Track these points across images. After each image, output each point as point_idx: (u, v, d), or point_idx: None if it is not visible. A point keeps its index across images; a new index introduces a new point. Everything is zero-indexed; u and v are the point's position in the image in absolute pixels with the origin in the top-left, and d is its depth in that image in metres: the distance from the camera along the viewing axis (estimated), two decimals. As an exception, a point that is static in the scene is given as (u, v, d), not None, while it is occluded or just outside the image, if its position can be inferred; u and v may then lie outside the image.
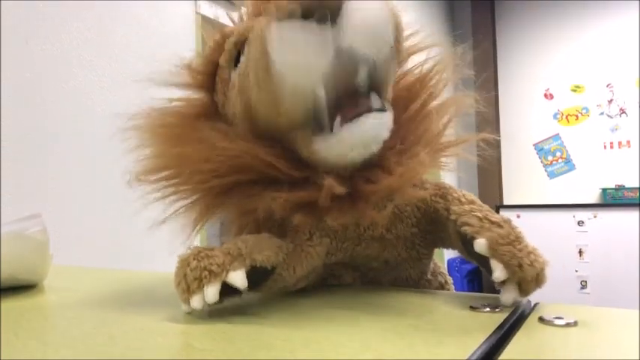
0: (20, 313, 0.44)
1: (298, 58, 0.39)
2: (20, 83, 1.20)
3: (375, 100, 0.43)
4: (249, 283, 0.39)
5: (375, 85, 0.43)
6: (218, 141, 0.45)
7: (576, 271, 3.47)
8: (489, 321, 0.36)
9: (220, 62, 0.49)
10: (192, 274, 0.38)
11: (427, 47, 0.52)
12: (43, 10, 1.25)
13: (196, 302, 0.38)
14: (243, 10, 0.51)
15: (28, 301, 0.50)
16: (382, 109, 0.43)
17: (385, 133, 0.43)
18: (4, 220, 0.57)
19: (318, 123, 0.42)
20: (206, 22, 1.71)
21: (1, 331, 0.38)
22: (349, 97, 0.42)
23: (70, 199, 1.28)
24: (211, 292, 0.37)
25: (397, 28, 0.42)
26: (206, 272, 0.38)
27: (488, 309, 0.40)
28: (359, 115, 0.41)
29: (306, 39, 0.38)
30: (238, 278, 0.38)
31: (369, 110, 0.41)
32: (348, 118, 0.41)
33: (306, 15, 0.38)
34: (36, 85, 1.23)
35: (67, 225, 1.26)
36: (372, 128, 0.42)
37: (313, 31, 0.38)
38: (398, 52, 0.43)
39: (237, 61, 0.46)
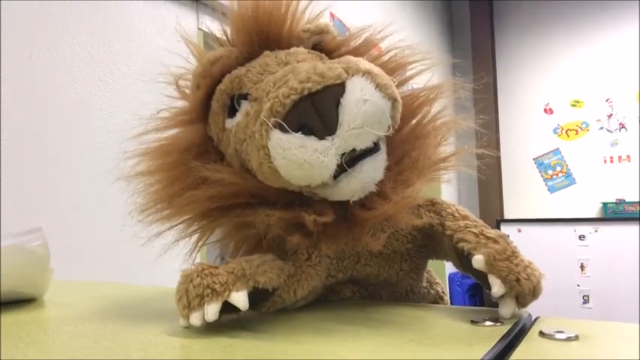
0: (20, 327, 0.44)
1: (302, 172, 0.39)
2: (22, 96, 1.20)
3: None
4: (249, 303, 0.39)
5: None
6: (210, 173, 0.45)
7: (578, 285, 3.45)
8: (490, 335, 0.36)
9: (213, 105, 0.49)
10: (194, 290, 0.38)
11: (422, 65, 0.53)
12: (45, 24, 1.27)
13: (195, 319, 0.38)
14: (227, 30, 0.51)
15: (29, 314, 0.50)
16: (376, 149, 0.42)
17: (381, 173, 0.43)
18: (4, 233, 0.57)
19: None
20: (208, 37, 1.72)
21: (2, 344, 0.37)
22: None
23: (70, 213, 1.28)
24: (212, 310, 0.37)
25: (395, 108, 0.41)
26: (208, 290, 0.38)
27: (489, 323, 0.40)
28: (354, 161, 0.41)
29: (309, 159, 0.38)
30: (240, 299, 0.38)
31: (364, 155, 0.41)
32: (346, 166, 0.41)
33: (302, 116, 0.38)
34: (38, 98, 1.24)
35: (67, 239, 1.26)
36: (368, 174, 0.42)
37: (314, 149, 0.38)
38: (395, 122, 0.42)
39: (230, 107, 0.48)
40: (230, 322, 0.41)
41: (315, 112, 0.38)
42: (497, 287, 0.40)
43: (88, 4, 1.37)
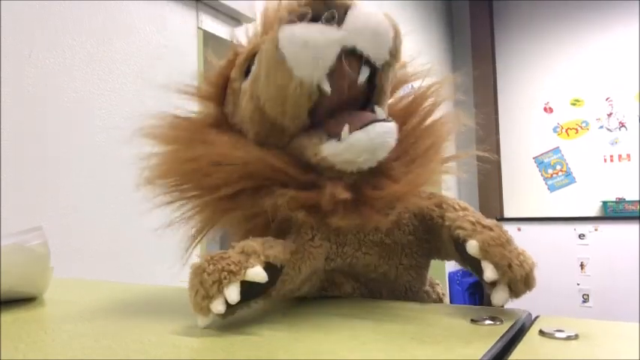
0: (20, 326, 0.44)
1: (306, 52, 0.41)
2: (22, 95, 1.20)
3: (380, 113, 0.46)
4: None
5: (374, 92, 0.46)
6: (227, 149, 0.47)
7: (578, 284, 3.46)
8: (490, 334, 0.36)
9: (232, 75, 0.52)
10: (210, 278, 0.37)
11: (425, 73, 0.55)
12: (45, 24, 1.26)
13: (218, 306, 0.37)
14: (253, 29, 0.54)
15: (29, 313, 0.50)
16: (388, 120, 0.45)
17: (392, 141, 0.45)
18: (4, 232, 0.57)
19: (323, 126, 0.45)
20: (208, 37, 1.72)
21: (1, 343, 0.37)
22: (354, 109, 0.45)
23: (70, 211, 1.28)
24: (233, 291, 0.37)
25: (396, 35, 0.44)
26: (225, 273, 0.37)
27: (488, 322, 0.40)
28: (367, 124, 0.43)
29: (314, 36, 0.41)
30: (259, 273, 0.38)
31: (376, 120, 0.44)
32: (357, 127, 0.43)
33: (315, 17, 0.41)
34: (38, 98, 1.24)
35: (67, 238, 1.26)
36: (379, 136, 0.44)
37: (321, 30, 0.41)
38: (396, 58, 0.46)
39: (247, 73, 0.50)
40: (231, 320, 0.41)
41: (325, 8, 0.41)
42: (489, 272, 0.40)
43: (88, 3, 1.37)
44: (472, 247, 0.42)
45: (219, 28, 1.78)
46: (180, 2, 1.66)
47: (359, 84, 0.44)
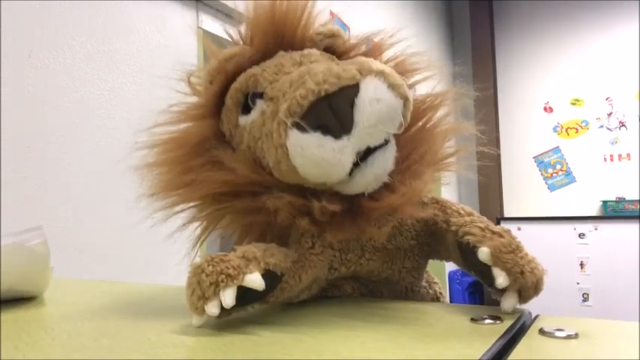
0: (20, 325, 0.44)
1: (320, 170, 0.41)
2: (22, 95, 1.20)
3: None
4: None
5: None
6: (226, 160, 0.46)
7: (578, 283, 3.45)
8: (490, 333, 0.36)
9: (226, 102, 0.50)
10: (208, 279, 0.37)
11: (426, 72, 0.54)
12: (45, 24, 1.26)
13: (212, 308, 0.37)
14: (242, 30, 0.52)
15: (28, 313, 0.50)
16: (386, 142, 0.43)
17: (391, 164, 0.45)
18: (4, 232, 0.57)
19: None
20: (208, 36, 1.72)
21: (1, 343, 0.37)
22: None
23: (70, 211, 1.28)
24: (229, 295, 0.37)
25: (405, 104, 0.42)
26: (223, 276, 0.37)
27: (489, 321, 0.40)
28: (366, 155, 0.42)
29: (327, 159, 0.39)
30: (256, 279, 0.38)
31: (375, 149, 0.42)
32: (359, 164, 0.42)
33: (320, 122, 0.39)
34: (38, 98, 1.24)
35: (67, 237, 1.26)
36: (380, 165, 0.43)
37: (331, 149, 0.39)
38: (407, 121, 0.44)
39: (244, 107, 0.49)
40: (231, 320, 0.41)
41: (332, 112, 0.39)
42: (502, 279, 0.40)
43: (88, 3, 1.37)
44: (484, 253, 0.41)
45: (219, 28, 1.78)
46: (180, 2, 1.66)
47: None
